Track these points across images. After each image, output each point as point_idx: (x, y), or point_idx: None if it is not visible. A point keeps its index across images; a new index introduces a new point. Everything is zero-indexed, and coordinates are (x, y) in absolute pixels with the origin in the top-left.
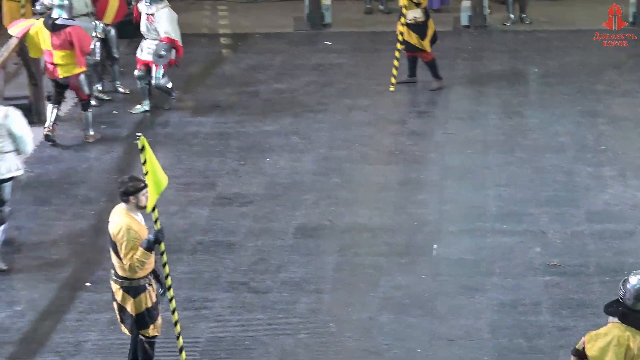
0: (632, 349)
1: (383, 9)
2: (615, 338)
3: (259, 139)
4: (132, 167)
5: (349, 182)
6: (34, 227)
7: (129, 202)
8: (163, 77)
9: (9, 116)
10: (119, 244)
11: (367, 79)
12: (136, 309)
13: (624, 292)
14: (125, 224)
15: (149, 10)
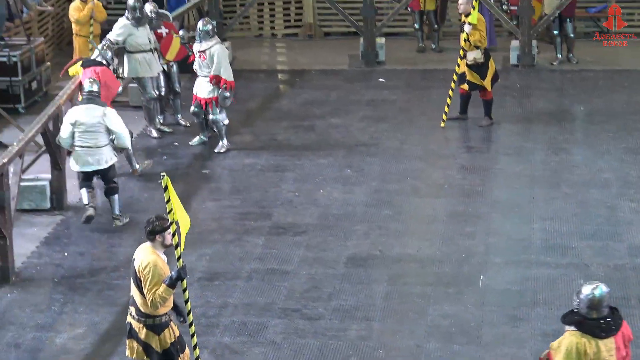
0: (589, 354)
1: (435, 48)
2: (575, 345)
3: (313, 171)
4: (192, 197)
5: (400, 214)
6: (97, 253)
7: (155, 240)
8: (221, 112)
9: (106, 114)
10: (144, 279)
11: (418, 115)
12: (162, 346)
13: (578, 302)
14: (152, 261)
15: (200, 48)
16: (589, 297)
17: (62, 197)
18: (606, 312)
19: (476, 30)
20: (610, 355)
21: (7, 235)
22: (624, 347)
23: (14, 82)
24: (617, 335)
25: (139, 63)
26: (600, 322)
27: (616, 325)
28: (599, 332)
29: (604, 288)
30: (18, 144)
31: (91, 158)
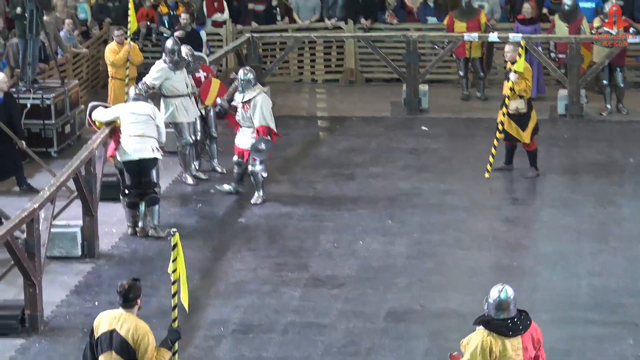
0: (495, 351)
1: (480, 96)
2: (481, 342)
3: (353, 222)
4: (227, 246)
5: (442, 267)
6: None
7: (134, 305)
8: (260, 164)
9: (155, 110)
10: (140, 348)
11: (462, 165)
12: None
13: (487, 305)
14: (145, 327)
15: (243, 98)
16: (496, 300)
17: (93, 245)
18: (514, 313)
19: (522, 79)
20: (517, 354)
21: (36, 283)
22: (532, 348)
23: (47, 126)
24: (524, 335)
25: (176, 108)
26: (507, 322)
27: (524, 325)
28: (506, 331)
29: (509, 290)
30: (49, 189)
31: (140, 145)
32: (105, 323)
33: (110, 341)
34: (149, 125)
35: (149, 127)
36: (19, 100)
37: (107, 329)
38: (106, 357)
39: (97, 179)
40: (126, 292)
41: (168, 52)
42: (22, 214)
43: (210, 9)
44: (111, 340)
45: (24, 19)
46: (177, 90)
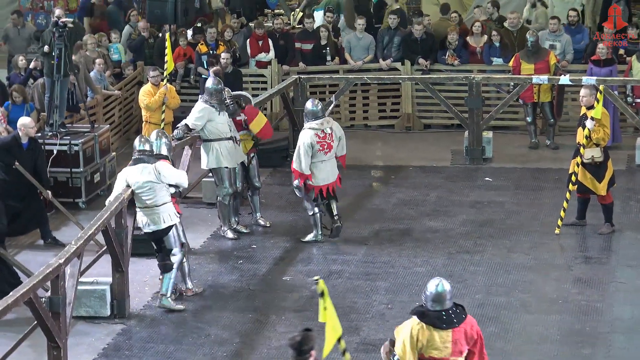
0: (421, 340)
1: (549, 144)
2: (410, 330)
3: (409, 281)
4: (271, 307)
5: (507, 332)
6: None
7: (308, 358)
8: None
9: (160, 173)
10: None
11: (529, 220)
12: None
13: (424, 297)
14: None
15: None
16: (433, 292)
17: (123, 304)
18: (448, 306)
19: (600, 127)
20: (445, 346)
21: (61, 345)
22: (464, 343)
23: (75, 174)
24: (457, 329)
25: (219, 152)
26: (441, 314)
27: (458, 319)
28: (439, 323)
29: (446, 284)
30: (76, 243)
31: (151, 218)
32: None
33: None
34: (157, 192)
35: (158, 194)
36: (44, 146)
37: None
38: None
39: (128, 232)
40: (300, 345)
41: (212, 91)
42: (46, 270)
43: (254, 48)
44: None
45: (52, 58)
46: (220, 133)
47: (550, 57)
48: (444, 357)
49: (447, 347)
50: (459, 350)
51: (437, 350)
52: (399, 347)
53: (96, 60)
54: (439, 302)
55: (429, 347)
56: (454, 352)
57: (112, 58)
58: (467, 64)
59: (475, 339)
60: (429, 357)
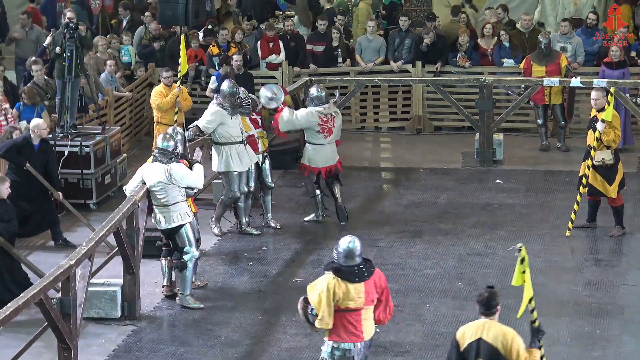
0: (338, 293)
1: (560, 146)
2: (326, 285)
3: (419, 283)
4: (281, 309)
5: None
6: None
7: (495, 312)
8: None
9: (172, 175)
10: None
11: (540, 222)
12: None
13: (337, 254)
14: (512, 332)
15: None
16: (345, 249)
17: (134, 305)
18: (359, 261)
19: (611, 129)
20: (359, 297)
21: (71, 347)
22: (374, 293)
23: (86, 175)
24: (367, 281)
25: (229, 156)
26: (354, 269)
27: (368, 272)
28: (352, 277)
29: (357, 242)
30: (87, 244)
31: (165, 216)
32: (469, 333)
33: (477, 350)
34: (168, 192)
35: (170, 194)
36: (55, 147)
37: (473, 339)
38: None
39: (139, 233)
40: (488, 300)
41: (227, 94)
42: (57, 272)
43: (265, 49)
44: (478, 349)
45: (63, 60)
46: (231, 137)
47: (562, 60)
48: (358, 306)
49: (361, 298)
50: (371, 299)
51: (353, 302)
52: (315, 301)
53: (107, 61)
54: (351, 257)
55: (345, 299)
56: (367, 302)
57: (123, 60)
58: (478, 66)
59: (383, 288)
60: (345, 308)
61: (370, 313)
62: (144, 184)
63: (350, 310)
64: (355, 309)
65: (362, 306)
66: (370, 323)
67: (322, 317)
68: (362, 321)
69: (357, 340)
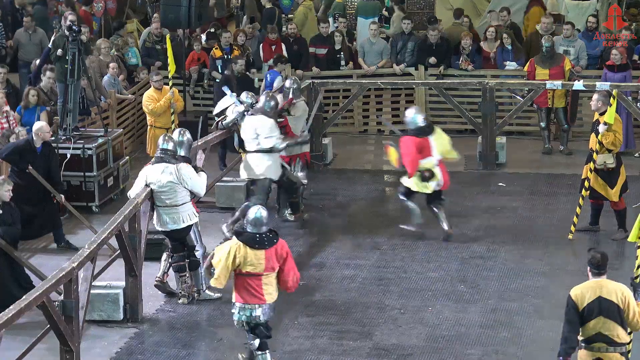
0: (238, 257)
1: (563, 150)
2: (229, 247)
3: (421, 286)
4: (283, 311)
5: (519, 338)
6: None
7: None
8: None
9: (182, 176)
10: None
11: (543, 225)
12: None
13: (245, 221)
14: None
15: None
16: (252, 217)
17: (137, 308)
18: (263, 230)
19: (611, 132)
20: (259, 263)
21: (74, 349)
22: (275, 261)
23: (88, 178)
24: (268, 249)
25: (272, 164)
26: (255, 236)
27: (269, 242)
28: (252, 243)
29: (264, 212)
30: (90, 247)
31: (171, 217)
32: (587, 295)
33: (599, 308)
34: (177, 192)
35: (179, 194)
36: (58, 150)
37: (593, 298)
38: (596, 322)
39: (141, 236)
40: (601, 261)
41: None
42: (59, 274)
43: (267, 52)
44: (600, 307)
45: (65, 62)
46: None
47: (566, 63)
48: (258, 272)
49: (261, 264)
50: (271, 267)
51: (252, 266)
52: (216, 262)
53: (110, 64)
54: (256, 226)
55: (245, 264)
56: (266, 268)
57: (130, 62)
58: (480, 69)
59: (285, 257)
60: (245, 272)
61: (271, 279)
62: (147, 186)
63: (251, 275)
64: (255, 273)
65: (262, 272)
66: (272, 289)
67: (217, 277)
68: (262, 286)
69: (259, 302)
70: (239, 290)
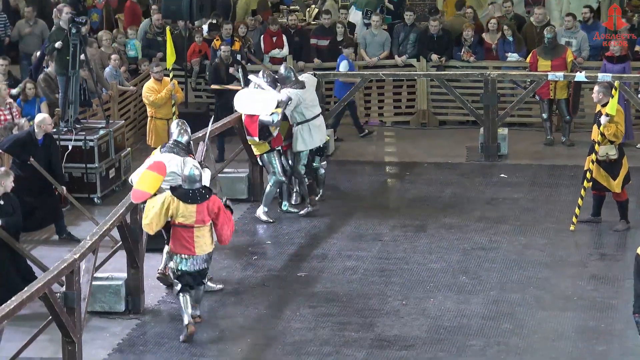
0: (171, 209)
1: (565, 141)
2: (164, 199)
3: (423, 277)
4: (285, 302)
5: (521, 328)
6: None
7: None
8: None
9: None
10: None
11: (544, 216)
12: None
13: (181, 178)
14: None
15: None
16: (186, 174)
17: (138, 299)
18: (196, 187)
19: (613, 123)
20: (190, 215)
21: (76, 340)
22: (206, 215)
23: (90, 170)
24: (200, 205)
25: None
26: (188, 192)
27: (201, 197)
28: (185, 197)
29: (196, 170)
30: (91, 238)
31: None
32: None
33: None
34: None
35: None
36: (59, 141)
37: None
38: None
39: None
40: None
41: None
42: (61, 266)
43: (268, 44)
44: None
45: (67, 54)
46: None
47: (568, 54)
48: (189, 223)
49: (192, 217)
50: (201, 219)
51: (184, 218)
52: (149, 206)
53: (111, 55)
54: (190, 182)
55: (178, 215)
56: (197, 221)
57: (129, 54)
58: (482, 61)
59: (217, 212)
60: (178, 223)
61: (203, 232)
62: None
63: (184, 226)
64: (187, 225)
65: (193, 224)
66: (204, 241)
67: (150, 222)
68: (194, 237)
69: (190, 253)
70: (174, 241)
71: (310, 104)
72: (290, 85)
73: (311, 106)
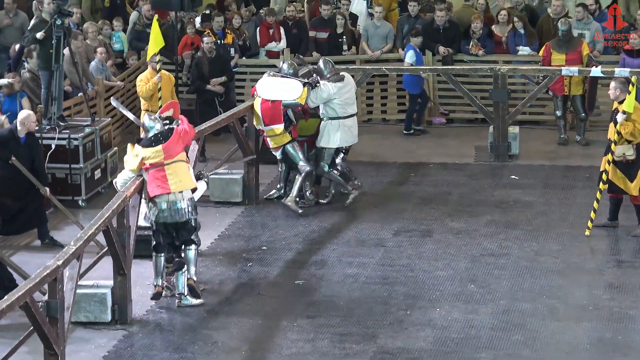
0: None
1: (580, 140)
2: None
3: (429, 286)
4: (282, 312)
5: (533, 340)
6: None
7: None
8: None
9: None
10: None
11: (558, 221)
12: None
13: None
14: None
15: None
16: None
17: (125, 309)
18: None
19: (630, 121)
20: (158, 155)
21: (59, 352)
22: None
23: (74, 170)
24: (165, 144)
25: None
26: (151, 138)
27: (164, 137)
28: (149, 143)
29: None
30: (76, 244)
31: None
32: None
33: None
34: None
35: None
36: (42, 140)
37: None
38: None
39: (130, 232)
40: None
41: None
42: (43, 273)
43: (265, 36)
44: None
45: (50, 47)
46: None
47: (584, 48)
48: (159, 161)
49: (160, 155)
50: (169, 155)
51: (152, 159)
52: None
53: (97, 49)
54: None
55: (147, 159)
56: (166, 157)
57: (114, 47)
58: (492, 55)
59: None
60: (150, 165)
61: (175, 169)
62: (139, 176)
63: (155, 166)
64: (157, 163)
65: (163, 161)
66: (178, 179)
67: (132, 168)
68: (167, 176)
69: (165, 192)
70: (149, 186)
71: (345, 102)
72: (328, 78)
73: (346, 104)
